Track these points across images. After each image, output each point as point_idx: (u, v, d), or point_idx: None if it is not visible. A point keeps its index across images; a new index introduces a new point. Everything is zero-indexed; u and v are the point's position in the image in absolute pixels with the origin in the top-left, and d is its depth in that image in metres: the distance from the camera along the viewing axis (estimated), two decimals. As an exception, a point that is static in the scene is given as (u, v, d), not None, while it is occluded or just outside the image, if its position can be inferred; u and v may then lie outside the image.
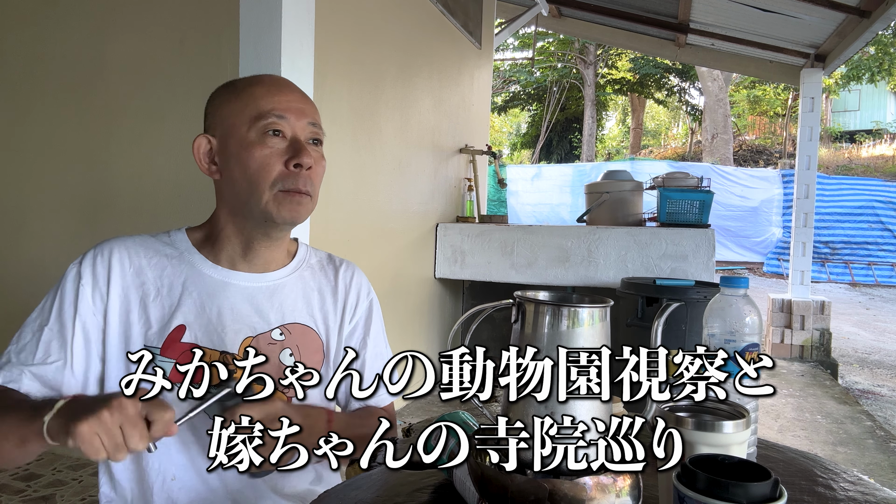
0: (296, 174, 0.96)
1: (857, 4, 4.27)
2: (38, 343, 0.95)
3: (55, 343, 0.95)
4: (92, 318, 0.98)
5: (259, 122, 0.96)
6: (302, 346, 1.05)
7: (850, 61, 12.13)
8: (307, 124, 1.00)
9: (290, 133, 0.98)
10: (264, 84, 1.01)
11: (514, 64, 18.30)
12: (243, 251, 1.04)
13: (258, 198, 0.96)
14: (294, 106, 0.99)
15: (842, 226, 10.89)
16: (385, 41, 3.32)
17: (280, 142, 0.97)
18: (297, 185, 0.96)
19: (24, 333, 0.97)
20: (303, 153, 0.96)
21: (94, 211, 2.82)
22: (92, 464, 2.71)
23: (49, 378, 0.94)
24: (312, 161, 0.98)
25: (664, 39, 6.03)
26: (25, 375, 0.93)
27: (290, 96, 1.00)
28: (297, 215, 0.98)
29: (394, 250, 3.58)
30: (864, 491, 0.85)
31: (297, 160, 0.96)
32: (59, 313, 0.97)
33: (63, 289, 0.98)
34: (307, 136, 1.00)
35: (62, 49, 2.83)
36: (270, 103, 0.97)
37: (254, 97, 0.98)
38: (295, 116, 0.98)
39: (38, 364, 0.94)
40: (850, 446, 3.43)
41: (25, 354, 0.94)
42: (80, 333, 0.97)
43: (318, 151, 1.01)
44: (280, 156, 0.96)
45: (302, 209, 0.98)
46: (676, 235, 3.54)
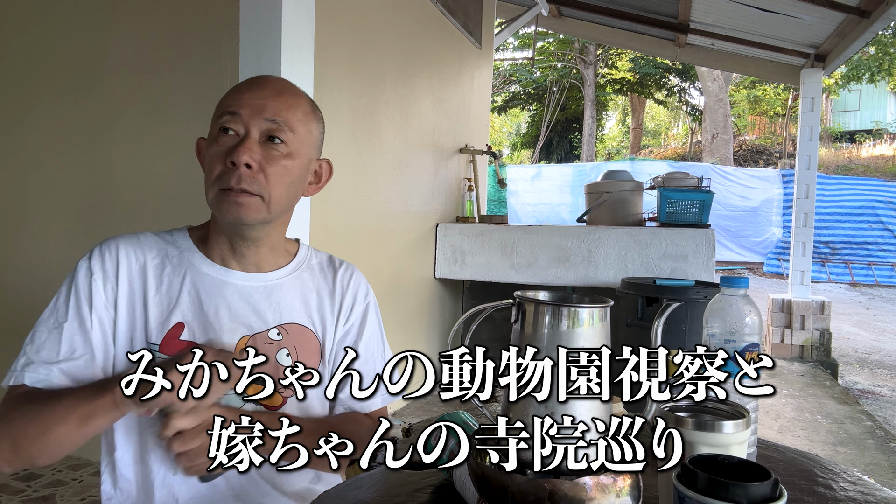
0: (230, 172, 0.93)
1: (857, 4, 4.27)
2: (60, 340, 0.94)
3: (78, 338, 0.95)
4: (105, 311, 0.98)
5: (217, 120, 0.97)
6: (299, 346, 1.05)
7: (850, 61, 12.13)
8: (263, 120, 0.95)
9: (244, 130, 0.95)
10: (246, 83, 1.00)
11: (514, 64, 18.30)
12: (231, 251, 1.04)
13: (207, 197, 0.97)
14: (254, 102, 0.95)
15: (842, 226, 10.89)
16: (385, 41, 3.32)
17: (230, 140, 0.94)
18: (229, 183, 0.92)
19: (39, 332, 0.95)
20: (237, 150, 0.92)
21: (94, 211, 2.82)
22: (92, 464, 2.71)
23: (77, 374, 0.94)
24: (253, 159, 0.93)
25: (664, 39, 6.03)
26: (54, 373, 0.92)
27: (256, 93, 0.96)
28: (239, 215, 0.94)
29: (394, 250, 3.58)
30: (864, 491, 0.85)
31: (231, 157, 0.92)
32: (77, 309, 0.96)
33: (76, 284, 0.98)
34: (262, 132, 0.95)
35: (62, 49, 2.83)
36: (230, 100, 0.97)
37: (225, 97, 0.99)
38: (249, 112, 0.94)
39: (64, 360, 0.93)
40: (850, 446, 3.43)
41: (47, 352, 0.93)
42: (98, 327, 0.97)
43: (276, 150, 0.95)
44: (224, 154, 0.94)
45: (243, 210, 0.93)
46: (676, 235, 3.54)
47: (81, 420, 0.84)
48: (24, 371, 0.92)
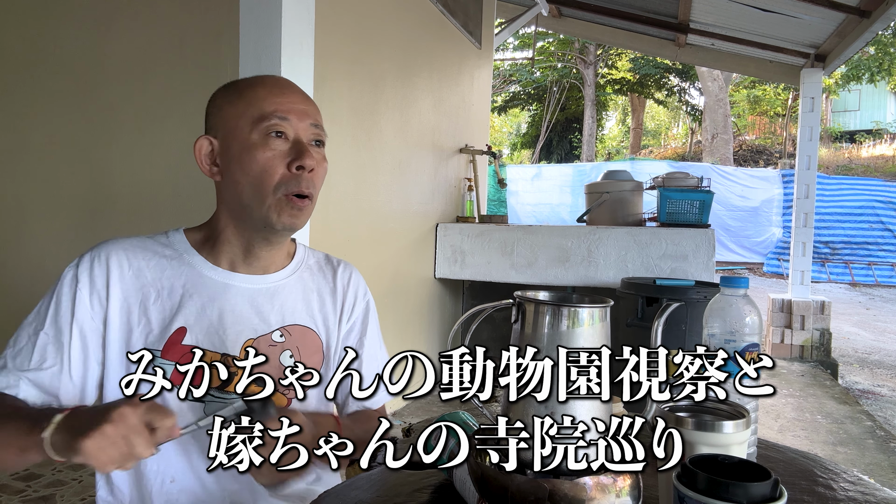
0: (298, 176, 0.95)
1: (857, 4, 4.27)
2: (34, 348, 0.94)
3: (51, 348, 0.94)
4: (90, 322, 0.97)
5: (261, 123, 0.95)
6: (302, 347, 1.05)
7: (850, 61, 12.14)
8: (310, 125, 0.98)
9: (293, 135, 0.97)
10: (266, 85, 0.99)
11: (514, 64, 18.29)
12: (244, 254, 1.03)
13: (260, 201, 0.95)
14: (297, 107, 0.98)
15: (842, 226, 10.89)
16: (385, 41, 3.32)
17: (282, 144, 0.96)
18: (299, 188, 0.95)
19: (20, 337, 0.96)
20: (305, 155, 0.95)
21: (93, 211, 2.82)
22: (92, 464, 2.71)
23: (46, 384, 0.93)
24: (315, 163, 0.96)
25: (664, 39, 6.03)
26: (23, 381, 0.92)
27: (293, 97, 0.99)
28: (296, 221, 0.97)
29: (394, 250, 3.58)
30: (864, 491, 0.85)
31: (300, 162, 0.95)
32: (55, 318, 0.96)
33: (59, 293, 0.97)
34: (309, 137, 0.98)
35: (62, 49, 2.83)
36: (273, 104, 0.96)
37: (256, 98, 0.97)
38: (297, 118, 0.97)
39: (34, 370, 0.93)
40: (850, 446, 3.43)
41: (21, 359, 0.94)
42: (78, 338, 0.96)
43: (319, 153, 1.00)
44: (283, 158, 0.95)
45: (302, 215, 0.97)
46: (676, 235, 3.54)
47: (19, 450, 0.83)
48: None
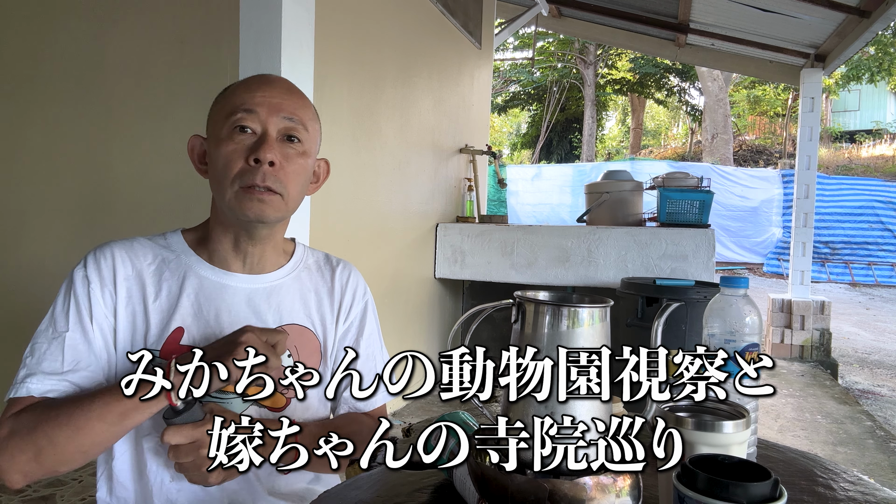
0: (254, 169, 0.93)
1: (857, 4, 4.27)
2: (63, 350, 0.92)
3: (82, 348, 0.94)
4: (105, 319, 0.96)
5: (230, 117, 0.95)
6: (300, 347, 1.05)
7: (850, 61, 12.14)
8: (282, 118, 0.96)
9: (261, 128, 0.95)
10: (248, 81, 0.99)
11: (514, 64, 18.30)
12: (234, 251, 1.03)
13: (222, 194, 0.95)
14: (268, 101, 0.95)
15: (842, 226, 10.89)
16: (385, 41, 3.32)
17: (248, 138, 0.94)
18: (253, 181, 0.92)
19: (39, 343, 0.93)
20: (262, 148, 0.93)
21: (94, 211, 2.82)
22: (92, 464, 2.71)
23: (84, 384, 0.92)
24: (276, 156, 0.94)
25: (664, 39, 6.03)
26: (63, 384, 0.91)
27: (269, 92, 0.97)
28: (260, 212, 0.94)
29: (394, 250, 3.58)
30: (864, 491, 0.85)
31: (255, 155, 0.92)
32: (78, 318, 0.94)
33: (75, 293, 0.96)
34: (280, 131, 0.96)
35: (62, 49, 2.83)
36: (242, 99, 0.96)
37: (233, 94, 0.97)
38: (267, 111, 0.95)
39: (70, 371, 0.92)
40: (850, 446, 3.43)
41: (49, 363, 0.91)
42: (100, 336, 0.95)
43: (292, 148, 0.97)
44: (244, 151, 0.94)
45: (266, 207, 0.94)
46: (676, 235, 3.54)
47: (120, 417, 0.84)
48: (27, 383, 0.90)
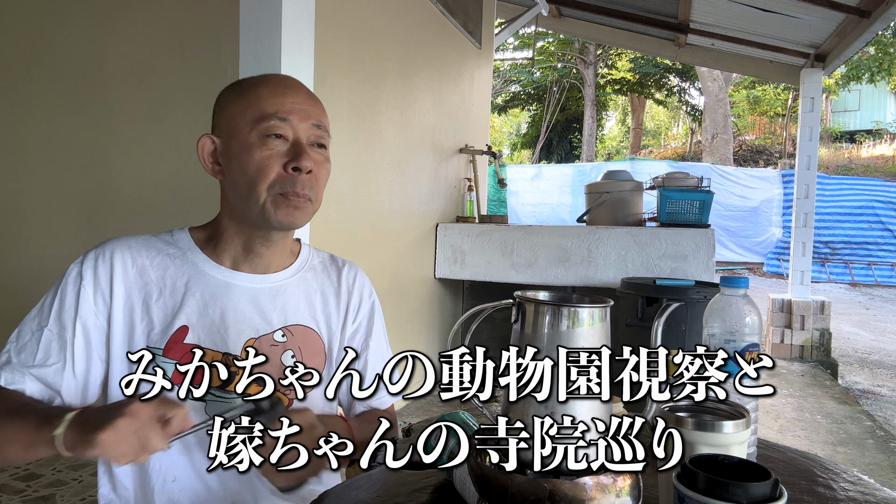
0: (294, 177, 0.95)
1: (857, 4, 4.27)
2: (38, 344, 0.95)
3: (55, 344, 0.95)
4: (94, 319, 0.97)
5: (261, 123, 0.95)
6: (304, 347, 1.05)
7: (850, 61, 12.14)
8: (311, 126, 0.98)
9: (293, 136, 0.96)
10: (269, 85, 0.99)
11: (514, 64, 18.30)
12: (245, 252, 1.03)
13: (255, 200, 0.95)
14: (298, 108, 0.97)
15: (842, 226, 10.89)
16: (385, 41, 3.32)
17: (281, 144, 0.96)
18: (294, 189, 0.95)
19: (24, 332, 0.96)
20: (302, 156, 0.95)
21: (94, 211, 2.82)
22: (92, 464, 2.71)
23: (49, 380, 0.94)
24: (313, 164, 0.96)
25: (664, 39, 6.03)
26: (27, 377, 0.93)
27: (295, 98, 0.98)
28: (294, 219, 0.97)
29: (394, 250, 3.58)
30: (864, 491, 0.85)
31: (296, 163, 0.94)
32: (58, 314, 0.96)
33: (63, 289, 0.97)
34: (310, 138, 0.98)
35: (62, 49, 2.83)
36: (273, 105, 0.96)
37: (258, 98, 0.97)
38: (298, 118, 0.96)
39: (38, 366, 0.94)
40: (850, 446, 3.43)
41: (25, 355, 0.94)
42: (81, 335, 0.96)
43: (321, 154, 0.99)
44: (279, 158, 0.95)
45: (299, 213, 0.97)
46: (676, 235, 3.54)
47: (27, 446, 0.84)
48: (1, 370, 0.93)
